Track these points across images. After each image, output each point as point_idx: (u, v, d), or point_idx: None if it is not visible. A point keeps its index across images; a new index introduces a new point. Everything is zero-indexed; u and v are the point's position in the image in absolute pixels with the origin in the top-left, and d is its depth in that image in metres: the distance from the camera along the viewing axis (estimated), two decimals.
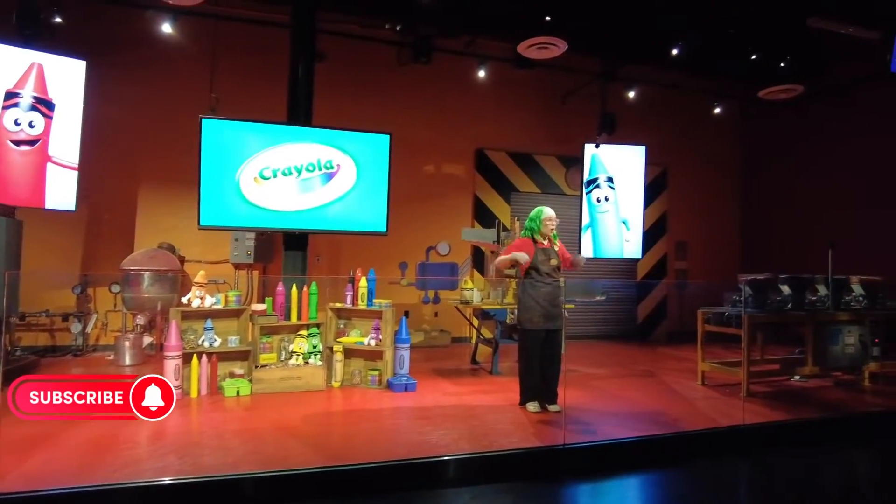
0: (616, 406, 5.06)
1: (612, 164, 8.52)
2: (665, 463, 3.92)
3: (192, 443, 3.80)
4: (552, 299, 4.64)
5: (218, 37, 7.44)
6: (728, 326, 5.81)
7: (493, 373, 6.16)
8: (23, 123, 5.65)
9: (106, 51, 6.89)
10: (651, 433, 4.13)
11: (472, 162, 9.06)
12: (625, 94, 8.90)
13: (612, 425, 4.41)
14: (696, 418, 4.64)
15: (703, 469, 3.90)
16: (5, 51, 5.60)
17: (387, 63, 8.35)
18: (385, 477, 3.38)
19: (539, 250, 4.70)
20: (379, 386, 5.43)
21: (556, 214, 4.90)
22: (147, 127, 7.39)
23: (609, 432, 4.16)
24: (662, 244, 10.13)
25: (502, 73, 8.48)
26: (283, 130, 6.21)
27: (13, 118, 5.60)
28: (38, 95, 5.72)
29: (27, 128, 5.67)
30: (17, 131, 5.63)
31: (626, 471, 3.80)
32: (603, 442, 3.90)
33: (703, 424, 4.42)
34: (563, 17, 6.90)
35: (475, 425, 4.27)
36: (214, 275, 7.00)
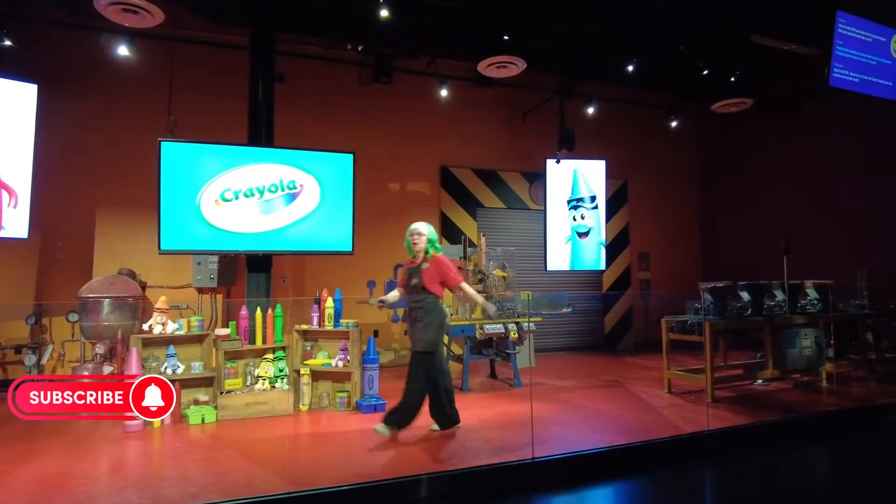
0: (584, 417, 5.12)
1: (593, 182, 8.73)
2: (634, 472, 3.98)
3: (153, 475, 3.70)
4: (410, 319, 4.51)
5: (175, 59, 7.34)
6: (691, 334, 5.94)
7: (463, 390, 6.15)
8: None
9: (59, 74, 6.75)
10: (620, 443, 4.18)
11: (437, 179, 9.12)
12: (583, 109, 9.11)
13: (581, 437, 4.45)
14: (662, 426, 4.71)
15: (671, 476, 3.97)
16: None
17: (348, 83, 8.38)
18: (353, 499, 3.33)
19: (408, 269, 4.59)
20: (348, 408, 5.37)
21: (521, 229, 4.90)
22: (103, 151, 7.22)
23: (578, 444, 4.19)
24: (625, 255, 10.33)
25: (463, 91, 8.60)
26: (244, 152, 6.15)
27: None
28: None
29: None
30: None
31: (596, 481, 3.84)
32: (572, 454, 3.93)
33: (670, 432, 4.50)
34: (520, 37, 7.04)
35: (445, 444, 4.26)
36: (177, 300, 6.83)
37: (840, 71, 6.52)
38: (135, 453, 4.21)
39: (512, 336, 6.26)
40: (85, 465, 3.86)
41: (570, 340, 9.85)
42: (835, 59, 6.46)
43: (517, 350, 6.39)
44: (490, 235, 7.26)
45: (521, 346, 6.47)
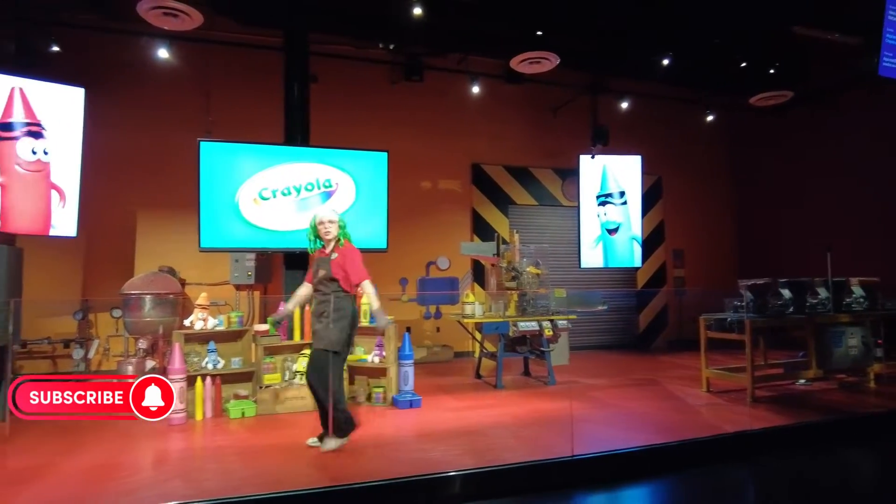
0: (620, 416, 5.06)
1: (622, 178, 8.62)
2: (673, 471, 3.91)
3: (196, 467, 3.79)
4: (315, 313, 4.08)
5: (213, 61, 7.54)
6: (730, 332, 5.81)
7: (497, 387, 6.14)
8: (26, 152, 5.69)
9: (103, 78, 6.96)
10: (658, 441, 4.12)
11: (468, 176, 9.12)
12: (616, 105, 8.99)
13: (617, 435, 4.40)
14: (701, 425, 4.63)
15: (711, 476, 3.89)
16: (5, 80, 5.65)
17: (380, 82, 8.44)
18: (390, 494, 3.36)
19: (315, 260, 4.19)
20: (384, 403, 5.42)
21: (554, 226, 4.80)
22: (145, 152, 7.43)
23: (614, 442, 4.14)
24: (660, 253, 10.17)
25: (494, 88, 8.57)
26: (281, 151, 6.26)
27: (16, 147, 5.64)
28: (41, 124, 5.76)
29: (30, 156, 5.71)
30: (21, 160, 5.67)
31: (635, 480, 3.79)
32: (611, 452, 3.89)
33: (710, 431, 4.41)
34: (553, 33, 6.99)
35: (480, 440, 4.27)
36: (215, 297, 7.00)
37: (890, 60, 6.27)
38: (178, 446, 4.32)
39: (546, 334, 6.22)
40: (131, 456, 3.99)
41: (603, 339, 9.74)
42: (885, 47, 6.22)
43: (551, 348, 6.35)
44: (522, 232, 7.22)
45: (555, 344, 6.42)
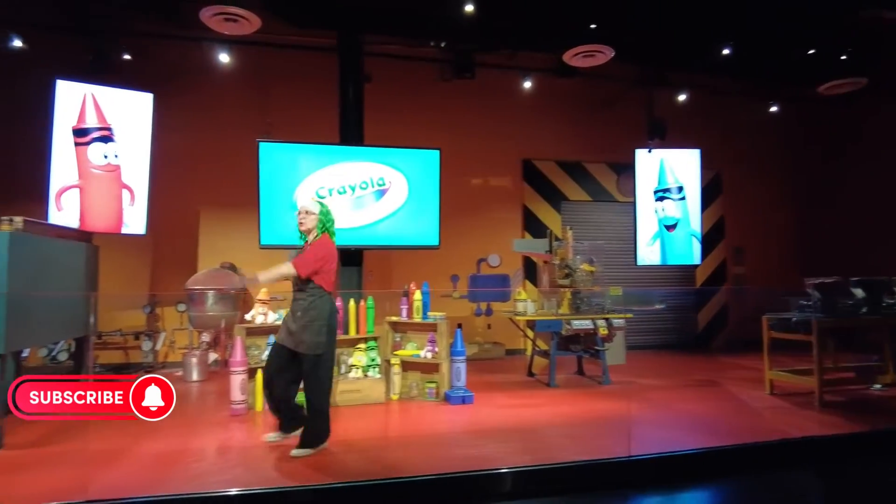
0: (680, 417, 4.92)
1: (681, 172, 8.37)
2: (734, 475, 3.79)
3: (257, 455, 3.92)
4: (291, 312, 3.90)
5: (270, 63, 7.78)
6: (795, 333, 5.56)
7: (550, 385, 6.09)
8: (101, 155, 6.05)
9: (169, 83, 7.28)
10: (719, 444, 3.99)
11: (519, 173, 9.06)
12: (672, 98, 8.74)
13: (677, 437, 4.29)
14: (765, 429, 4.46)
15: (774, 482, 3.74)
16: (83, 88, 6.02)
17: (431, 80, 8.49)
18: (443, 489, 3.39)
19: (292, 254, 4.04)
20: (436, 398, 5.46)
21: (608, 222, 4.69)
22: (208, 153, 7.75)
23: (674, 444, 4.04)
24: (720, 250, 9.82)
25: (545, 83, 8.48)
26: (336, 150, 6.40)
27: (92, 151, 6.00)
28: (114, 128, 6.11)
29: (104, 159, 6.06)
30: (97, 163, 6.03)
31: (693, 483, 3.69)
32: (669, 453, 3.80)
33: (774, 436, 4.24)
34: (606, 25, 6.85)
35: (533, 438, 4.25)
36: (274, 292, 7.23)
37: None
38: (240, 435, 4.48)
39: (601, 332, 6.12)
40: (197, 443, 4.17)
41: (660, 338, 9.49)
42: None
43: (606, 347, 6.24)
44: (576, 229, 7.10)
45: (610, 343, 6.31)
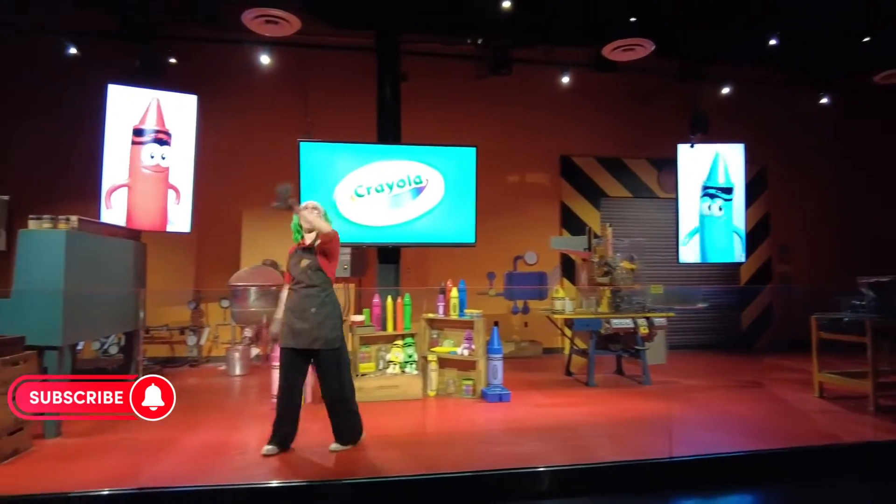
0: (723, 418, 4.80)
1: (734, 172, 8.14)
2: (781, 479, 3.67)
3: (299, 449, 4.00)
4: (298, 311, 3.74)
5: (310, 64, 7.91)
6: (846, 333, 5.34)
7: (588, 385, 6.02)
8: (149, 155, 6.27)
9: (212, 85, 7.48)
10: (764, 447, 3.88)
11: (557, 169, 8.98)
12: (715, 91, 8.50)
13: (721, 439, 4.18)
14: (813, 433, 4.32)
15: (823, 487, 3.62)
16: (132, 91, 6.25)
17: (467, 77, 8.48)
18: (481, 486, 3.40)
19: (294, 253, 3.90)
20: (473, 396, 5.47)
21: (649, 219, 4.60)
22: (250, 153, 7.93)
23: (718, 446, 3.95)
24: (765, 247, 9.52)
25: (583, 78, 8.36)
26: (374, 149, 6.47)
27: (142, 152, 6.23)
28: (161, 129, 6.34)
29: (151, 160, 6.28)
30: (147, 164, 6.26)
31: (737, 487, 3.59)
32: (713, 455, 3.71)
33: (823, 440, 4.10)
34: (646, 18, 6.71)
35: (572, 437, 4.21)
36: None
37: None
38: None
39: (641, 331, 6.02)
40: (239, 436, 4.29)
41: (702, 338, 9.26)
42: None
43: (647, 346, 6.13)
44: (615, 226, 6.99)
45: (650, 343, 6.20)
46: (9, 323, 4.02)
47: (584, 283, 6.47)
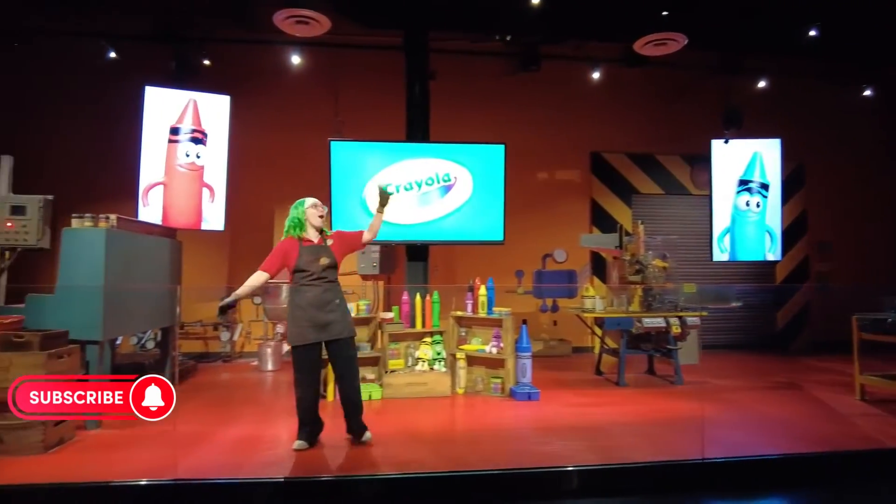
0: (758, 420, 4.70)
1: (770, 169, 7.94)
2: (819, 484, 3.57)
3: (329, 444, 4.05)
4: (321, 304, 3.78)
5: (340, 63, 7.98)
6: (890, 335, 5.16)
7: (619, 384, 5.95)
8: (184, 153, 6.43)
9: (244, 86, 7.62)
10: (800, 451, 3.78)
11: (587, 166, 8.88)
12: (750, 85, 8.30)
13: (756, 441, 4.09)
14: (854, 437, 4.19)
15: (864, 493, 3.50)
16: (169, 93, 6.41)
17: (496, 74, 8.45)
18: (511, 484, 3.39)
19: (305, 249, 3.85)
20: (501, 394, 5.46)
21: (682, 216, 4.50)
22: (281, 152, 8.05)
23: (752, 448, 3.86)
24: (803, 245, 9.25)
25: (613, 73, 8.26)
26: (403, 148, 6.51)
27: (178, 150, 6.39)
28: (197, 128, 6.48)
29: (187, 158, 6.43)
30: (182, 162, 6.41)
31: (773, 490, 3.51)
32: (747, 458, 3.63)
33: (864, 444, 3.98)
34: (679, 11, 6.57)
35: (602, 437, 4.17)
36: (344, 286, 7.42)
37: None
38: None
39: (674, 331, 5.92)
40: (271, 431, 4.36)
41: (736, 337, 9.06)
42: None
43: (679, 346, 6.03)
44: (647, 223, 6.89)
45: (683, 342, 6.10)
46: (53, 317, 4.18)
47: (615, 282, 6.40)
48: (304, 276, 3.82)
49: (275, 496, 3.24)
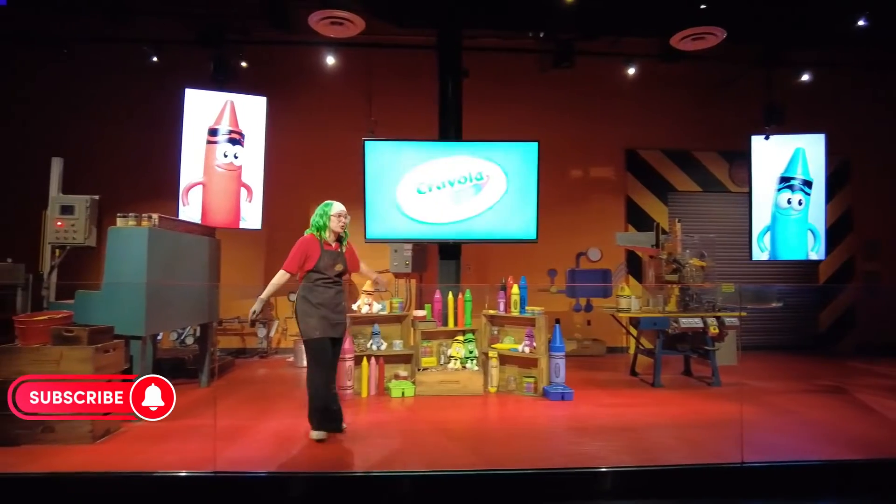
0: (801, 425, 4.55)
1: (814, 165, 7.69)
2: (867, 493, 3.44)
3: (365, 440, 4.11)
4: (333, 305, 4.01)
5: (373, 63, 8.06)
6: None
7: (654, 385, 5.86)
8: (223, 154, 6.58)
9: (280, 87, 7.76)
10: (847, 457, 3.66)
11: (622, 163, 8.75)
12: (792, 79, 8.04)
13: (799, 446, 3.97)
14: None
15: None
16: (207, 95, 6.57)
17: (529, 71, 8.40)
18: (544, 484, 3.37)
19: (326, 253, 4.00)
20: (534, 393, 5.44)
21: (720, 214, 4.38)
22: (316, 152, 8.17)
23: (795, 453, 3.75)
24: (847, 244, 8.92)
25: (649, 69, 8.11)
26: (436, 146, 6.52)
27: (217, 151, 6.55)
28: (235, 129, 6.63)
29: (225, 159, 6.59)
30: (220, 162, 6.57)
31: (814, 497, 3.40)
32: (790, 463, 3.53)
33: None
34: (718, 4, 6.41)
35: (636, 438, 4.11)
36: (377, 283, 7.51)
37: None
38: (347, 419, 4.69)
39: (712, 331, 5.79)
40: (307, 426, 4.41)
41: (776, 338, 8.81)
42: None
43: (717, 347, 5.90)
44: (684, 221, 6.76)
45: (721, 343, 5.96)
46: (100, 313, 4.34)
47: (652, 281, 6.29)
48: (320, 277, 4.00)
49: (309, 490, 3.30)
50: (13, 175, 7.62)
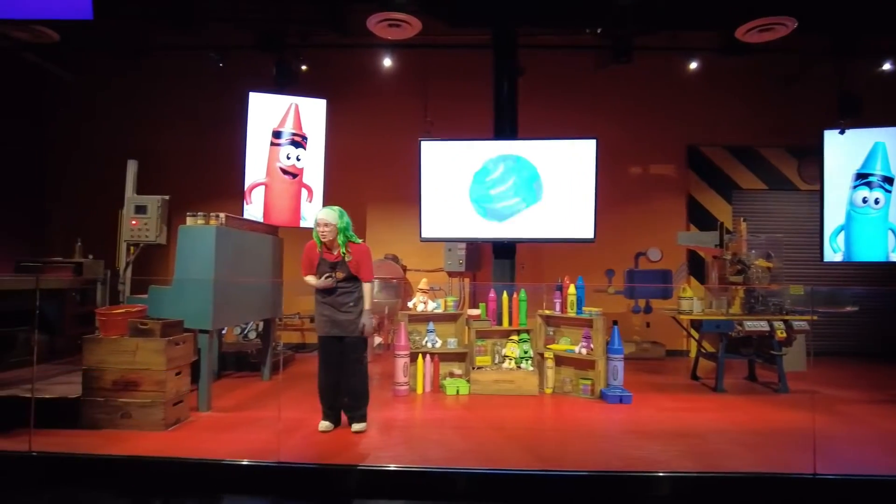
0: (875, 435, 4.30)
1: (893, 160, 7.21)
2: None
3: (419, 436, 4.16)
4: (336, 305, 4.17)
5: (429, 64, 8.13)
6: None
7: (716, 390, 5.66)
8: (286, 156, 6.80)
9: (339, 89, 7.93)
10: None
11: (683, 160, 8.48)
12: (870, 68, 7.56)
13: (877, 459, 3.75)
14: None
15: None
16: (270, 98, 6.80)
17: (585, 68, 8.25)
18: (602, 487, 3.33)
19: (323, 261, 4.18)
20: (591, 396, 5.35)
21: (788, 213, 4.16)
22: (373, 152, 8.33)
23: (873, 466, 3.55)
24: None
25: (710, 63, 7.81)
26: (491, 145, 6.51)
27: (281, 153, 6.77)
28: (297, 132, 6.83)
29: (287, 160, 6.80)
30: (285, 164, 6.79)
31: None
32: (867, 477, 3.34)
33: None
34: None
35: (698, 444, 3.99)
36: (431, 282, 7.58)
37: None
38: (402, 416, 4.77)
39: (778, 335, 5.54)
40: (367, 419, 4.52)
41: (849, 344, 8.32)
42: None
43: (784, 351, 5.64)
44: (750, 221, 6.49)
45: (788, 348, 5.69)
46: (170, 308, 4.58)
47: (714, 282, 6.08)
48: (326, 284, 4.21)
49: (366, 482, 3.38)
50: (95, 177, 8.14)
